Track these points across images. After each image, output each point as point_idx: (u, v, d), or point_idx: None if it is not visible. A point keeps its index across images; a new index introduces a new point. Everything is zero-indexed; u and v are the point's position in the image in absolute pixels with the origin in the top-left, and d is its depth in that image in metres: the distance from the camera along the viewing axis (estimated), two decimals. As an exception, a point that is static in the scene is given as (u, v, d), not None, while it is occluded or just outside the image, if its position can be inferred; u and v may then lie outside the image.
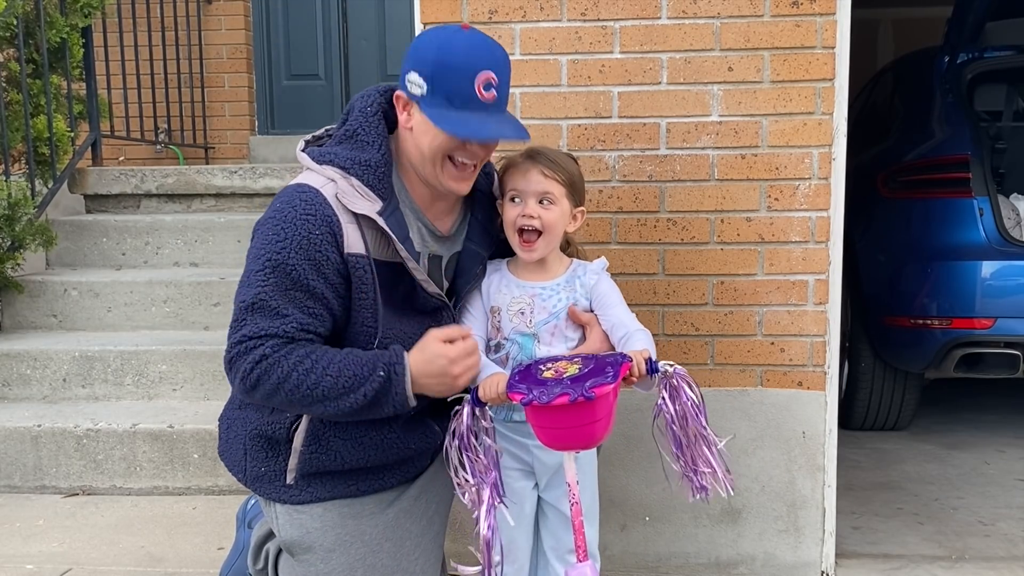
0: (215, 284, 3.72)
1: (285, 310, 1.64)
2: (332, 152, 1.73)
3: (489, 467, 1.67)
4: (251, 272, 1.67)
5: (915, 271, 3.57)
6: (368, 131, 1.74)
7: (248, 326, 1.65)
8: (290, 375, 1.63)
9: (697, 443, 1.68)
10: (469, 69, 1.65)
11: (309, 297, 1.66)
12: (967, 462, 3.55)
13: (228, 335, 1.68)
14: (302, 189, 1.69)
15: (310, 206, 1.66)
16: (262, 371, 1.63)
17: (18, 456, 3.12)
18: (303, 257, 1.64)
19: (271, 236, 1.65)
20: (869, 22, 7.97)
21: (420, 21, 2.34)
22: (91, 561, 2.57)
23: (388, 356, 1.70)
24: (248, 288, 1.66)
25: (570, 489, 1.64)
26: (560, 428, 1.58)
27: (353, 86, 5.72)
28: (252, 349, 1.64)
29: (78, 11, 4.20)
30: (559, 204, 1.81)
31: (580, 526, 1.64)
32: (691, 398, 1.65)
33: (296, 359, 1.64)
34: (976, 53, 3.86)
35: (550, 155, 1.84)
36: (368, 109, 1.76)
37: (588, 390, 1.51)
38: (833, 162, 2.31)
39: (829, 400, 2.38)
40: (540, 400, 1.53)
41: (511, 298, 1.84)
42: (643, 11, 2.31)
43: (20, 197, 3.66)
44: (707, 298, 2.37)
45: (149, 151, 5.41)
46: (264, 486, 1.83)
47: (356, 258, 1.68)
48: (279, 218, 1.66)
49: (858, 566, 2.54)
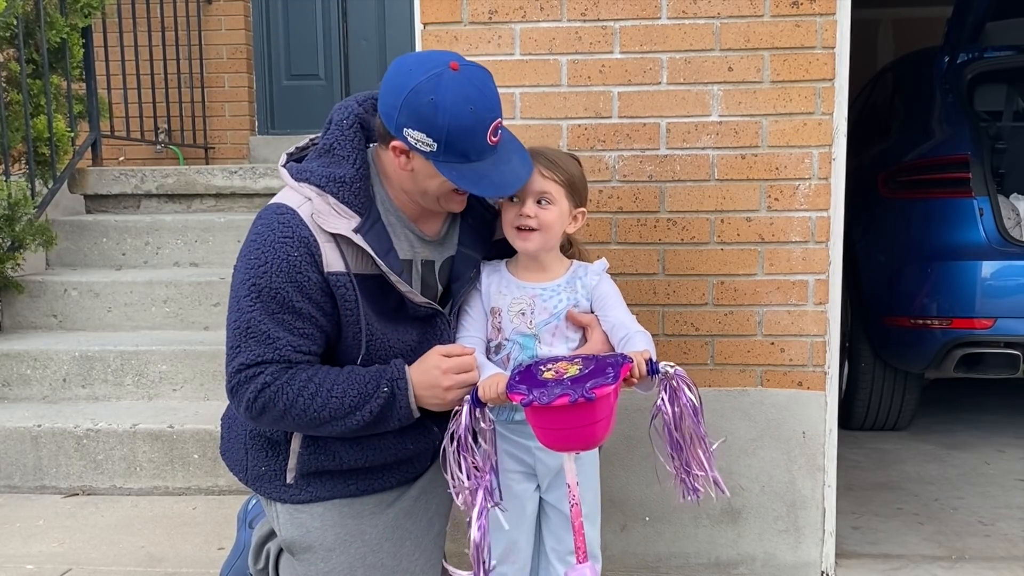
0: (215, 284, 3.72)
1: (276, 333, 1.66)
2: (308, 169, 1.73)
3: (484, 469, 1.66)
4: (239, 297, 1.69)
5: (915, 271, 3.57)
6: (343, 145, 1.73)
7: (244, 353, 1.67)
8: (296, 401, 1.66)
9: (692, 445, 1.68)
10: (482, 127, 1.64)
11: (297, 318, 1.68)
12: (967, 462, 3.55)
13: (226, 360, 1.71)
14: (280, 211, 1.70)
15: (287, 228, 1.67)
16: (266, 399, 1.66)
17: (18, 456, 3.12)
18: (285, 280, 1.66)
19: (253, 260, 1.68)
20: (869, 22, 7.97)
21: (420, 21, 2.34)
22: (91, 561, 2.57)
23: (390, 372, 1.72)
24: (237, 313, 1.68)
25: (570, 490, 1.64)
26: (560, 429, 1.58)
27: (353, 86, 5.72)
28: (252, 378, 1.66)
29: (78, 11, 4.20)
30: (557, 204, 1.80)
31: (580, 527, 1.64)
32: (690, 400, 1.65)
33: (300, 384, 1.66)
34: (976, 53, 3.86)
35: (550, 155, 1.83)
36: (344, 122, 1.75)
37: (589, 391, 1.51)
38: (833, 162, 2.31)
39: (829, 400, 2.38)
40: (540, 401, 1.52)
41: (511, 299, 1.84)
42: (643, 11, 2.30)
43: (20, 197, 3.66)
44: (707, 298, 2.37)
45: (149, 151, 5.41)
46: (265, 485, 1.84)
47: (336, 276, 1.69)
48: (260, 241, 1.69)
49: (858, 566, 2.54)
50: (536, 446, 1.82)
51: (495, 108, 1.66)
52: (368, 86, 5.95)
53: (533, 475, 1.88)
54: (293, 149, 1.86)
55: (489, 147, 1.67)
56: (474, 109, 1.62)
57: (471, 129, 1.63)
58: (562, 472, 1.83)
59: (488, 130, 1.65)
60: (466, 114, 1.62)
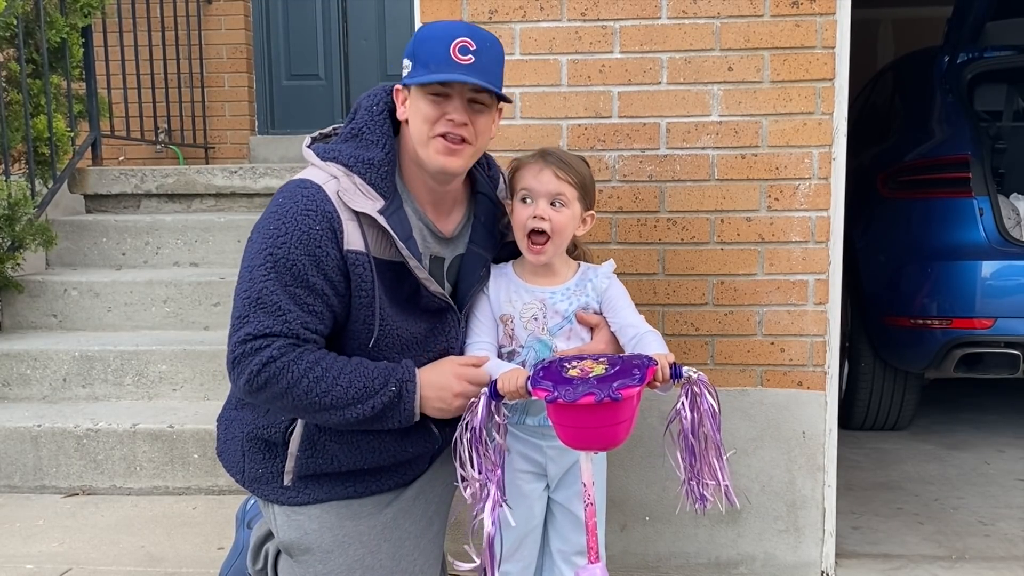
0: (215, 284, 3.72)
1: (288, 306, 1.64)
2: (336, 149, 1.73)
3: (496, 464, 1.65)
4: (253, 267, 1.66)
5: (915, 271, 3.57)
6: (373, 129, 1.74)
7: (251, 323, 1.64)
8: (300, 381, 1.64)
9: (707, 452, 1.67)
10: (445, 36, 1.67)
11: (310, 294, 1.66)
12: (967, 462, 3.55)
13: (230, 331, 1.67)
14: (303, 184, 1.69)
15: (311, 201, 1.66)
16: (270, 374, 1.63)
17: (18, 456, 3.12)
18: (303, 252, 1.64)
19: (272, 230, 1.65)
20: (869, 22, 7.96)
21: (420, 20, 2.34)
22: (91, 561, 2.57)
23: (401, 372, 1.72)
24: (249, 283, 1.65)
25: (585, 490, 1.62)
26: (583, 428, 1.56)
27: (353, 86, 5.72)
28: (259, 350, 1.63)
29: (78, 11, 4.20)
30: (570, 207, 1.80)
31: (594, 527, 1.63)
32: (711, 406, 1.64)
33: (306, 365, 1.64)
34: (976, 53, 3.86)
35: (563, 156, 1.83)
36: (374, 108, 1.76)
37: (615, 391, 1.49)
38: (833, 162, 2.31)
39: (829, 400, 2.38)
40: (566, 398, 1.51)
41: (522, 304, 1.83)
42: (643, 11, 2.30)
43: (20, 197, 3.66)
44: (707, 298, 2.37)
45: (149, 151, 5.41)
46: (262, 487, 1.83)
47: (355, 255, 1.68)
48: (280, 212, 1.66)
49: (858, 566, 2.54)
50: (548, 445, 1.83)
51: (468, 32, 1.68)
52: (368, 86, 5.91)
53: (543, 475, 1.88)
54: (317, 134, 1.86)
55: (453, 62, 1.65)
56: (446, 25, 1.74)
57: (434, 36, 1.68)
58: (570, 472, 1.84)
59: (451, 43, 1.65)
60: (437, 25, 1.75)
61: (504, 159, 1.99)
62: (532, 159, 1.83)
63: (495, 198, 1.90)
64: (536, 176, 1.80)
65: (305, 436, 1.77)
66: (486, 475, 1.64)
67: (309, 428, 1.77)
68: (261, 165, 4.66)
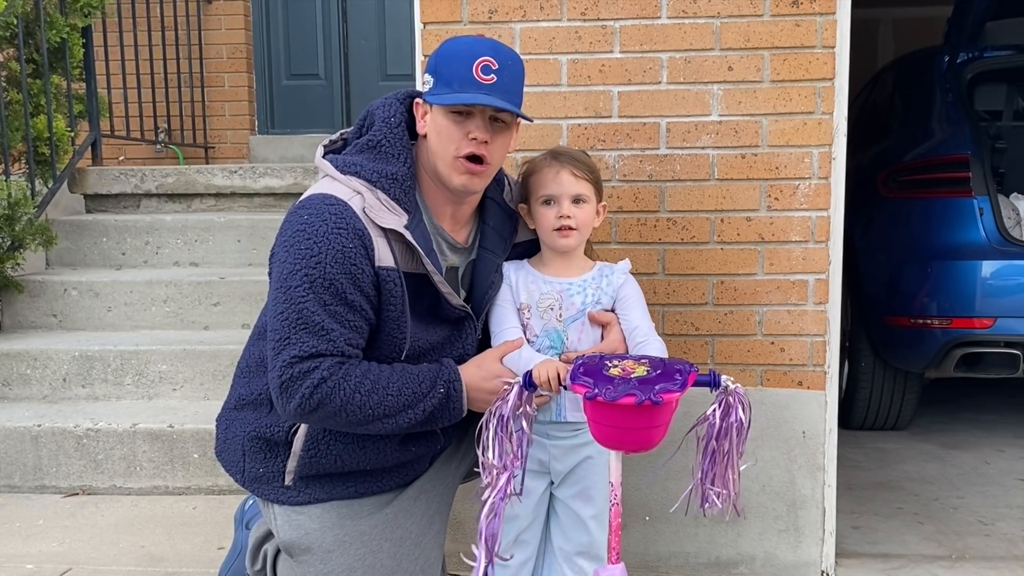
0: (215, 284, 3.72)
1: (330, 325, 1.64)
2: (357, 163, 1.72)
3: (516, 455, 1.64)
4: (288, 287, 1.64)
5: (915, 271, 3.57)
6: (393, 143, 1.74)
7: (295, 345, 1.63)
8: (352, 397, 1.64)
9: (727, 462, 1.67)
10: (468, 55, 1.68)
11: (349, 311, 1.66)
12: (967, 462, 3.55)
13: (271, 353, 1.66)
14: (330, 201, 1.67)
15: (340, 219, 1.65)
16: (323, 395, 1.63)
17: (18, 456, 3.12)
18: (340, 270, 1.64)
19: (303, 249, 1.64)
20: (869, 22, 7.96)
21: (420, 21, 2.34)
22: (91, 561, 2.57)
23: (446, 373, 1.73)
24: (286, 304, 1.64)
25: (612, 489, 1.62)
26: (619, 428, 1.55)
27: (353, 86, 5.73)
28: (308, 372, 1.63)
29: (78, 11, 4.19)
30: (590, 202, 1.87)
31: (618, 527, 1.62)
32: (740, 419, 1.64)
33: (356, 381, 1.65)
34: (976, 53, 3.86)
35: (574, 155, 1.89)
36: (392, 120, 1.76)
37: (657, 394, 1.49)
38: (833, 162, 2.31)
39: (829, 400, 2.38)
40: (606, 397, 1.50)
41: (540, 294, 1.87)
42: (643, 11, 2.30)
43: (20, 197, 3.66)
44: (707, 298, 2.37)
45: (149, 151, 5.41)
46: (262, 487, 1.83)
47: (387, 271, 1.68)
48: (310, 231, 1.64)
49: (858, 566, 2.54)
50: (552, 444, 1.85)
51: (492, 50, 1.69)
52: (368, 86, 6.00)
53: (546, 473, 1.90)
54: (327, 142, 1.86)
55: (476, 81, 1.66)
56: (469, 42, 1.72)
57: (457, 55, 1.69)
58: (574, 471, 1.86)
59: (474, 61, 1.66)
60: (460, 43, 1.74)
61: (504, 159, 1.99)
62: (546, 162, 1.87)
63: (502, 201, 1.91)
64: (555, 179, 1.85)
65: (310, 435, 1.77)
66: (504, 464, 1.64)
67: (313, 428, 1.76)
68: (261, 165, 4.66)
